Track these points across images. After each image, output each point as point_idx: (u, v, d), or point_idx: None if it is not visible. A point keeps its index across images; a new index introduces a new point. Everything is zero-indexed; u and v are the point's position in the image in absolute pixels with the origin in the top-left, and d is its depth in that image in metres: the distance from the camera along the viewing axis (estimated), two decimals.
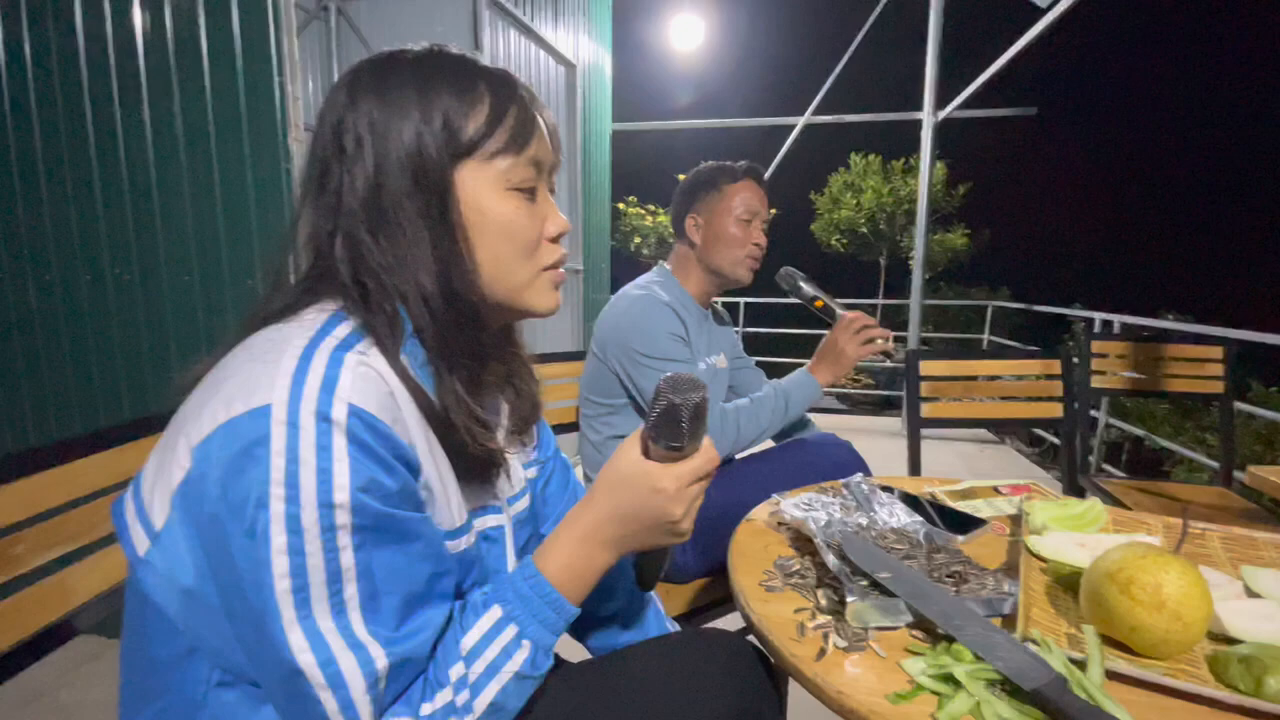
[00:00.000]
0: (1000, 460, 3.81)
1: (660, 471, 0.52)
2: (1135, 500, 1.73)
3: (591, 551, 0.53)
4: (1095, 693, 0.47)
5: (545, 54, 3.32)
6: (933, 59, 4.32)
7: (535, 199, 0.54)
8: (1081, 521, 0.74)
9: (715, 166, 1.26)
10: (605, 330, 1.21)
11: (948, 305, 7.72)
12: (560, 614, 0.51)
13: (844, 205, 8.69)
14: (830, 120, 5.07)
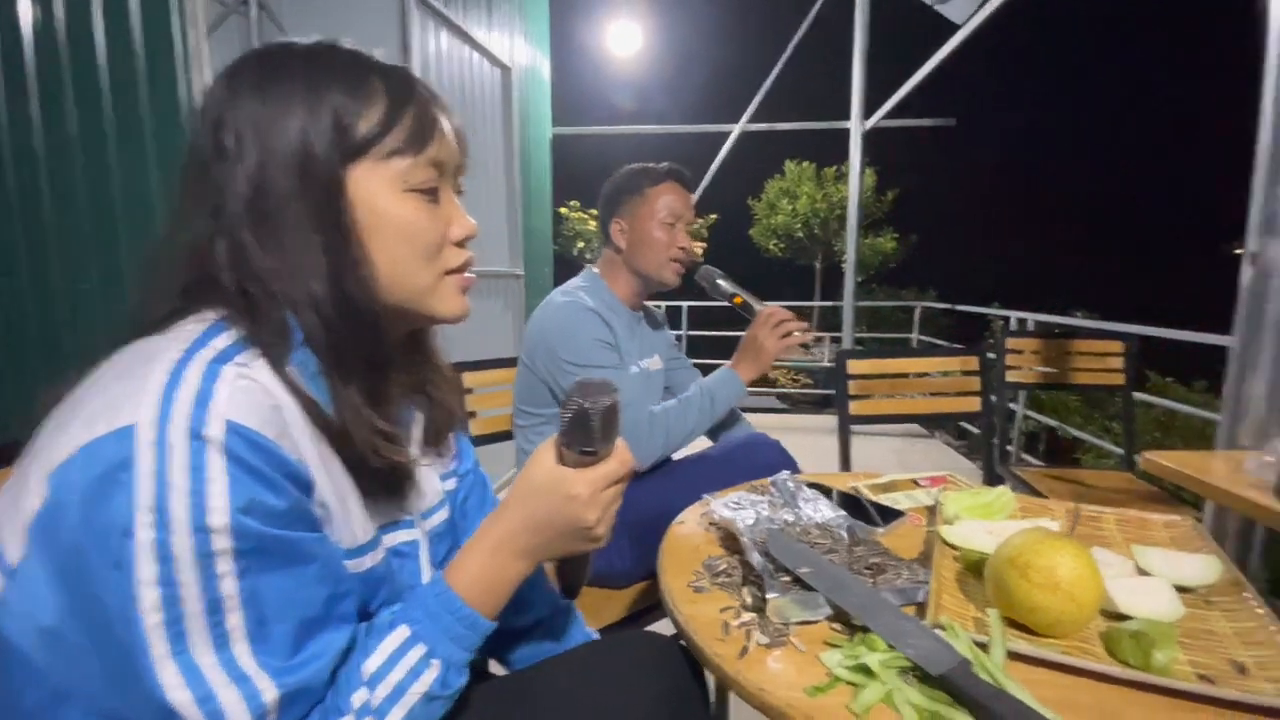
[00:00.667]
0: (930, 453, 3.98)
1: (574, 477, 0.51)
2: (1049, 487, 1.84)
3: (505, 563, 0.52)
4: (997, 674, 0.49)
5: (479, 56, 3.27)
6: (859, 71, 4.50)
7: (438, 200, 0.53)
8: (991, 510, 0.78)
9: (636, 170, 1.26)
10: (533, 339, 1.20)
11: (879, 306, 8.05)
12: (474, 629, 0.50)
13: (780, 211, 8.94)
14: (765, 128, 5.20)
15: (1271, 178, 1.09)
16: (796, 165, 8.93)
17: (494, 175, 3.45)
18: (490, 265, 3.31)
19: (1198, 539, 0.72)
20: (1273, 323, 1.11)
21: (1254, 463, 0.94)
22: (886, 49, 4.68)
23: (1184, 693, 0.48)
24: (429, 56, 2.78)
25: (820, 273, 8.79)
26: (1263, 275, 1.11)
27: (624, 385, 1.14)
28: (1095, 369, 2.01)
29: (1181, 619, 0.56)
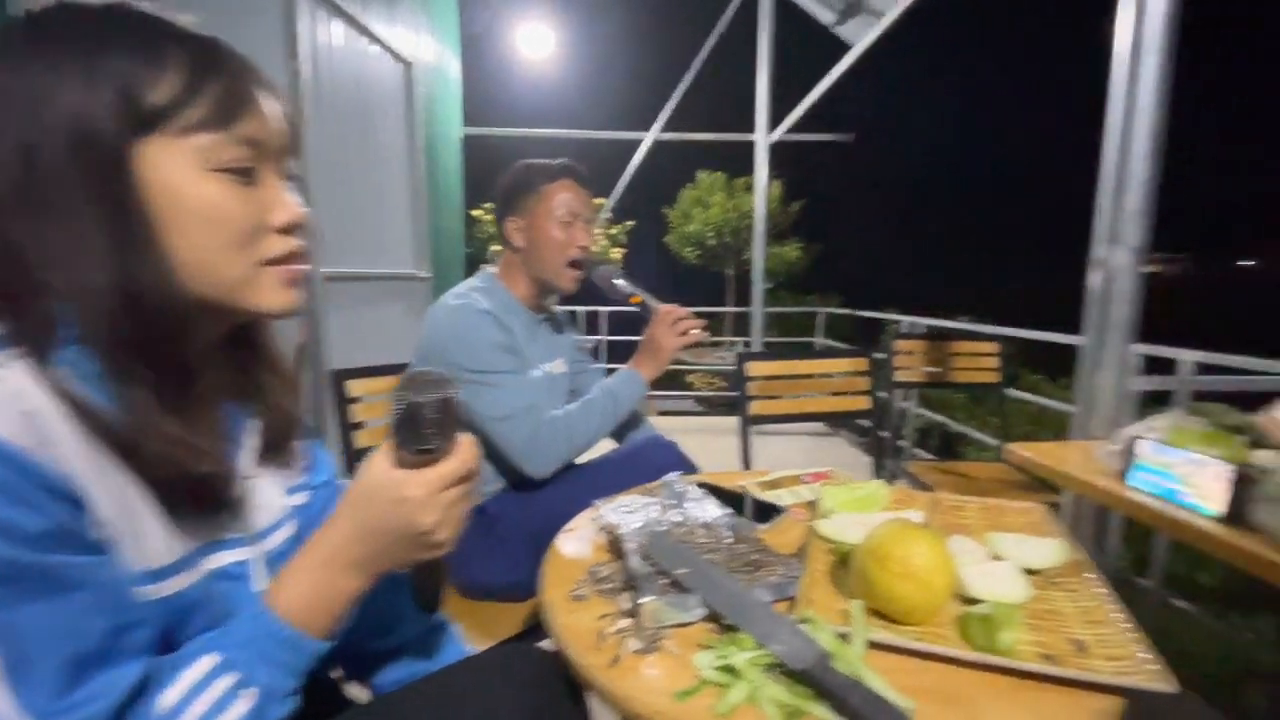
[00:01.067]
0: (832, 450, 4.17)
1: (407, 479, 0.47)
2: (934, 479, 1.96)
3: (334, 578, 0.47)
4: (857, 665, 0.50)
5: (378, 49, 3.11)
6: (763, 86, 4.67)
7: (255, 183, 0.47)
8: (865, 503, 0.80)
9: (532, 166, 1.23)
10: (424, 346, 1.13)
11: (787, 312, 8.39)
12: (299, 652, 0.45)
13: (693, 219, 9.15)
14: (676, 138, 5.29)
15: (1115, 192, 1.20)
16: (708, 175, 9.18)
17: (396, 173, 3.29)
18: (392, 267, 3.15)
19: (1048, 524, 0.77)
20: (1117, 324, 1.23)
21: (1102, 451, 1.02)
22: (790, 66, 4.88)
23: (1027, 672, 0.51)
24: (319, 47, 2.61)
25: (732, 279, 9.06)
26: (1108, 280, 1.22)
27: (525, 390, 1.11)
28: (973, 368, 2.17)
29: (1028, 601, 0.60)
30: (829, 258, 10.56)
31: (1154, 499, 0.85)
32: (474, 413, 1.09)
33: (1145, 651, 0.51)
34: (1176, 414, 0.96)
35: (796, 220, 9.30)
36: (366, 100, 3.02)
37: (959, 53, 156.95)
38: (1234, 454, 0.85)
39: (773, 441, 4.32)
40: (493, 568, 1.12)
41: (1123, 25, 1.16)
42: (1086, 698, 0.49)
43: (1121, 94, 1.16)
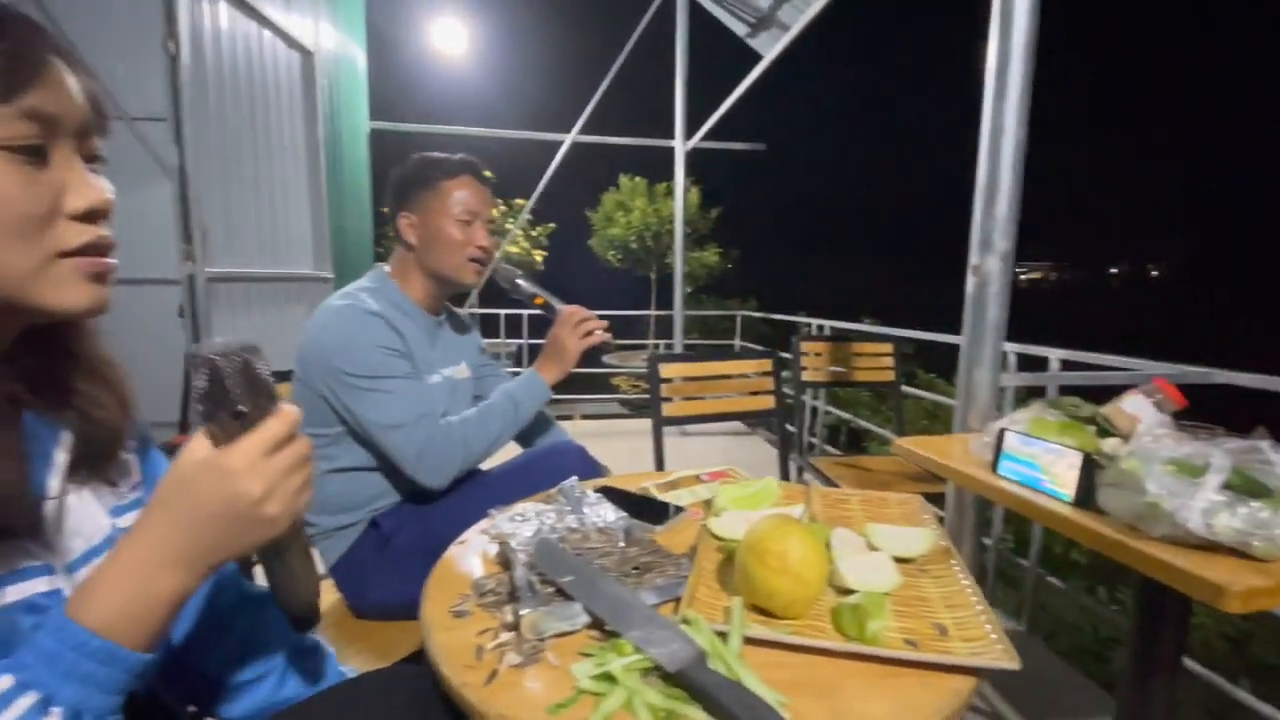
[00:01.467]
0: (749, 448, 4.29)
1: (223, 453, 0.43)
2: (837, 473, 2.05)
3: (150, 577, 0.41)
4: (733, 662, 0.50)
5: (273, 37, 2.92)
6: (680, 93, 4.75)
7: (46, 163, 0.42)
8: (756, 500, 0.82)
9: (428, 160, 1.17)
10: (306, 349, 1.06)
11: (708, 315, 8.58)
12: (113, 665, 0.39)
13: (616, 223, 9.19)
14: (595, 141, 5.29)
15: (987, 202, 1.29)
16: (630, 180, 9.26)
17: (294, 167, 3.10)
18: (289, 267, 2.96)
19: (922, 513, 0.82)
20: (991, 325, 1.33)
21: (977, 443, 1.10)
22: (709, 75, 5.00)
23: (891, 659, 0.53)
24: (204, 30, 2.42)
25: (655, 283, 9.17)
26: (982, 285, 1.31)
27: (417, 396, 1.05)
28: (872, 368, 2.29)
29: (898, 588, 0.62)
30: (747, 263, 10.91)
31: (1019, 487, 0.92)
32: (364, 423, 1.03)
33: (995, 632, 0.54)
34: (1037, 407, 1.05)
35: (715, 226, 9.55)
36: (259, 89, 2.83)
37: (860, 69, 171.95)
38: (1085, 443, 0.93)
39: (692, 442, 4.39)
40: (388, 586, 1.06)
41: (991, 50, 1.26)
42: (944, 679, 0.51)
43: (990, 112, 1.25)
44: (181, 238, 2.18)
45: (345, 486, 1.10)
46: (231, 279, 2.48)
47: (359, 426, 1.04)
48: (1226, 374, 1.48)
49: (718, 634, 0.54)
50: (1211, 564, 0.66)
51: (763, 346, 5.64)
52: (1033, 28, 1.22)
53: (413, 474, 1.02)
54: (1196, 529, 0.68)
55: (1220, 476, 0.70)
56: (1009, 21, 1.23)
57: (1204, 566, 0.65)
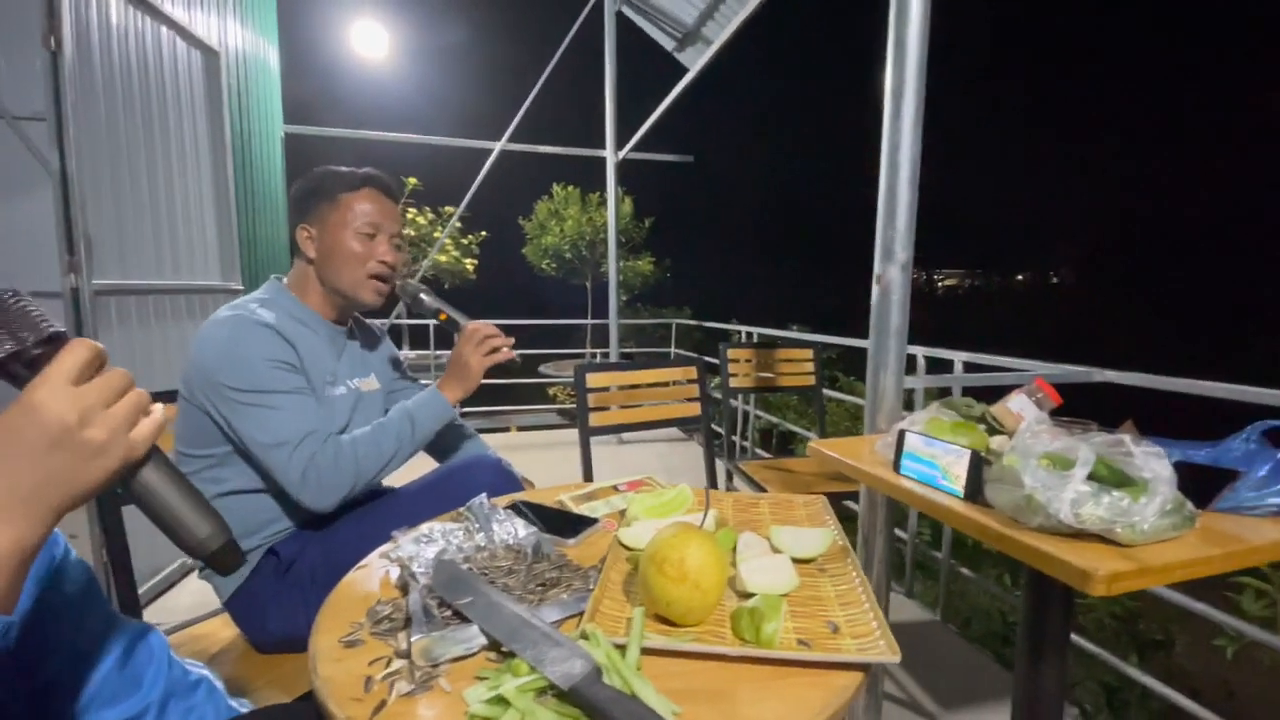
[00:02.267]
0: (685, 455, 4.34)
1: (25, 391, 0.40)
2: (764, 476, 2.10)
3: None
4: (629, 675, 0.50)
5: (171, 33, 2.74)
6: (611, 104, 4.79)
7: None
8: (668, 508, 0.83)
9: (329, 173, 1.13)
10: (190, 365, 0.99)
11: (643, 323, 8.65)
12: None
13: (550, 232, 9.13)
14: (525, 149, 5.24)
15: (888, 215, 1.36)
16: (563, 189, 9.23)
17: (197, 172, 2.91)
18: (191, 278, 2.78)
19: (824, 514, 0.85)
20: (894, 330, 1.40)
21: (881, 444, 1.15)
22: (639, 86, 5.06)
23: (783, 660, 0.54)
24: (92, 26, 2.25)
25: (590, 291, 9.16)
26: (885, 292, 1.38)
27: (305, 413, 0.99)
28: (794, 373, 2.36)
29: (796, 589, 0.64)
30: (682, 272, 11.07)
31: (918, 484, 0.97)
32: (246, 441, 0.97)
33: (881, 628, 0.57)
34: (934, 408, 1.11)
35: (649, 235, 9.66)
36: (156, 89, 2.64)
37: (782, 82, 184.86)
38: (975, 441, 0.99)
39: (629, 449, 4.41)
40: (289, 617, 1.00)
41: (888, 73, 1.33)
42: (833, 676, 0.53)
43: (888, 131, 1.32)
44: (64, 247, 2.00)
45: (237, 512, 1.03)
46: (123, 291, 2.29)
47: (243, 445, 0.98)
48: (1104, 373, 1.61)
49: (617, 647, 0.53)
50: (1080, 551, 0.71)
51: (697, 353, 5.74)
52: (924, 53, 1.30)
53: (297, 495, 0.96)
54: (1066, 519, 0.73)
55: (1086, 469, 0.76)
56: (903, 47, 1.30)
57: (1073, 553, 0.70)
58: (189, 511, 0.48)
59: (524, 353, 1.28)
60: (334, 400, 1.10)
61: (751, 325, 4.06)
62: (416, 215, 7.53)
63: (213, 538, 0.48)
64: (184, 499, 0.48)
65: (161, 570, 2.29)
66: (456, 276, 7.87)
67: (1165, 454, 0.80)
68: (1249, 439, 0.96)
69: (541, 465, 4.04)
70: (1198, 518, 0.78)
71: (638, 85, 5.04)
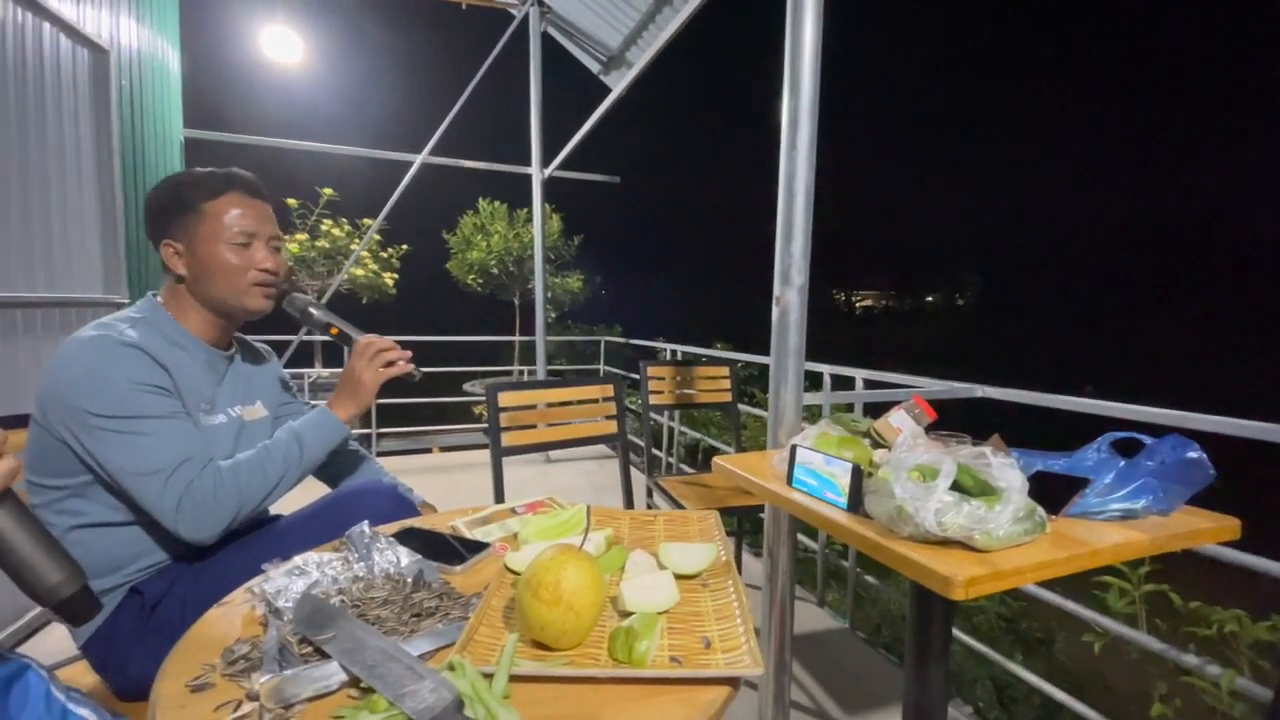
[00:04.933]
0: (613, 472, 4.32)
1: None
2: (682, 492, 2.12)
3: None
4: (493, 704, 0.49)
5: (53, 29, 2.53)
6: (535, 122, 4.79)
7: None
8: (562, 530, 0.82)
9: (185, 180, 1.04)
10: (45, 388, 0.90)
11: (574, 340, 8.62)
12: None
13: (475, 246, 8.97)
14: (448, 163, 5.15)
15: (785, 241, 1.43)
16: (490, 204, 9.11)
17: (79, 179, 2.69)
18: (68, 290, 2.54)
19: (715, 530, 0.87)
20: (793, 348, 1.46)
21: (777, 459, 1.18)
22: (568, 106, 5.09)
23: (652, 679, 0.55)
24: None
25: (519, 309, 9.04)
26: (784, 314, 1.44)
27: (178, 438, 0.92)
28: (712, 389, 2.41)
29: (675, 606, 0.65)
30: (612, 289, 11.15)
31: (807, 497, 1.01)
32: (111, 470, 0.89)
33: (749, 642, 0.58)
34: (823, 423, 1.16)
35: (578, 253, 9.67)
36: (34, 88, 2.43)
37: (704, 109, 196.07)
38: (859, 455, 1.04)
39: (556, 468, 4.35)
40: (155, 661, 0.90)
41: (784, 106, 1.40)
42: (700, 692, 0.54)
43: (785, 162, 1.39)
44: None
45: (96, 546, 0.94)
46: None
47: (107, 475, 0.90)
48: (985, 389, 1.74)
49: (486, 675, 0.52)
50: (944, 558, 0.76)
51: (626, 370, 5.77)
52: (816, 87, 1.37)
53: (173, 527, 0.89)
54: (930, 527, 0.78)
55: (948, 480, 0.82)
56: (797, 82, 1.37)
57: (937, 560, 0.75)
58: (40, 556, 0.44)
59: (448, 370, 1.24)
60: (213, 430, 1.02)
61: (677, 343, 4.13)
62: (332, 227, 7.22)
63: (64, 584, 0.44)
64: (34, 543, 0.44)
65: (22, 615, 2.05)
66: (375, 291, 7.56)
67: (1019, 464, 0.87)
68: (1099, 449, 1.05)
69: (463, 487, 3.92)
70: (1049, 523, 0.85)
71: (565, 104, 5.08)
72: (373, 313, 7.57)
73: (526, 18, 4.71)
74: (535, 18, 4.70)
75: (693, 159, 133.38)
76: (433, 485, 1.12)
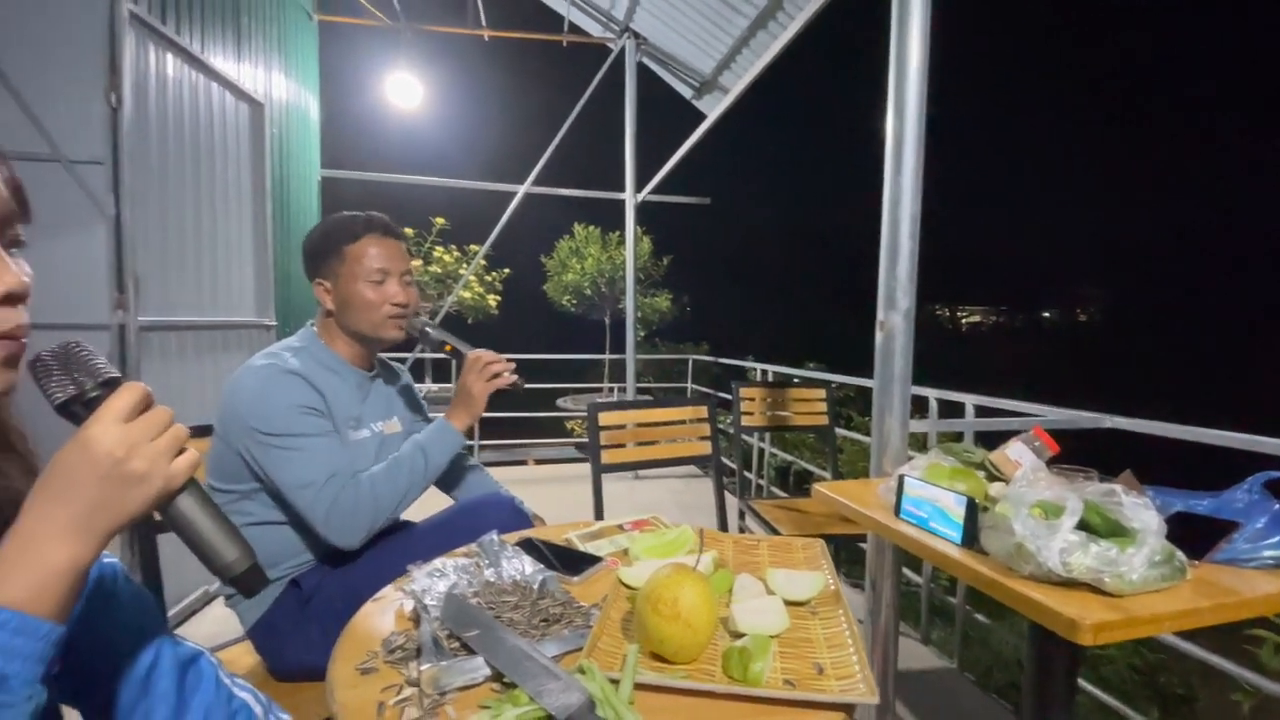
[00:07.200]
0: (700, 492, 4.32)
1: (83, 427, 0.46)
2: (775, 516, 2.10)
3: (44, 551, 0.43)
4: (621, 708, 0.53)
5: (220, 88, 2.94)
6: (630, 148, 4.96)
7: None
8: (670, 549, 0.86)
9: (331, 226, 1.19)
10: (224, 408, 1.07)
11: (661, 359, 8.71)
12: (26, 634, 0.42)
13: (570, 269, 9.33)
14: (548, 192, 5.43)
15: (890, 264, 1.41)
16: (584, 229, 9.48)
17: (239, 216, 3.08)
18: (229, 314, 2.91)
19: (821, 558, 0.87)
20: (898, 374, 1.43)
21: (883, 487, 1.17)
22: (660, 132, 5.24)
23: (766, 698, 0.57)
24: (148, 80, 2.43)
25: (609, 328, 9.29)
26: (888, 339, 1.42)
27: (329, 455, 1.05)
28: (807, 412, 2.38)
29: (786, 631, 0.67)
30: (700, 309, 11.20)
31: (915, 529, 0.99)
32: (277, 481, 1.03)
33: (863, 670, 0.59)
34: (934, 453, 1.13)
35: (667, 273, 9.84)
36: (204, 138, 2.82)
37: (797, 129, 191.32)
38: (973, 488, 1.01)
39: (645, 485, 4.41)
40: (308, 648, 1.04)
41: (889, 127, 1.39)
42: (814, 716, 0.56)
43: (889, 184, 1.38)
44: (114, 285, 2.13)
45: (261, 543, 1.07)
46: (166, 327, 2.42)
47: (272, 484, 1.04)
48: (1114, 419, 1.62)
49: (612, 681, 0.57)
50: (1069, 600, 0.73)
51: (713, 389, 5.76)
52: (922, 110, 1.36)
53: (324, 534, 1.02)
54: (1055, 567, 0.75)
55: (1074, 519, 0.78)
56: (902, 101, 1.36)
57: (1062, 602, 0.72)
58: (219, 536, 0.53)
59: (543, 386, 1.34)
60: (358, 444, 1.16)
61: (768, 362, 4.09)
62: (444, 253, 7.79)
63: (239, 561, 0.53)
64: (215, 525, 0.53)
65: (185, 597, 2.35)
66: (480, 312, 8.05)
67: (1156, 503, 0.82)
68: (1250, 490, 0.96)
69: (557, 500, 4.05)
70: (1190, 569, 0.79)
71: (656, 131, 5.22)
72: (475, 331, 8.06)
73: (623, 50, 4.91)
74: (631, 50, 4.88)
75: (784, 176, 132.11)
76: (530, 498, 1.21)
